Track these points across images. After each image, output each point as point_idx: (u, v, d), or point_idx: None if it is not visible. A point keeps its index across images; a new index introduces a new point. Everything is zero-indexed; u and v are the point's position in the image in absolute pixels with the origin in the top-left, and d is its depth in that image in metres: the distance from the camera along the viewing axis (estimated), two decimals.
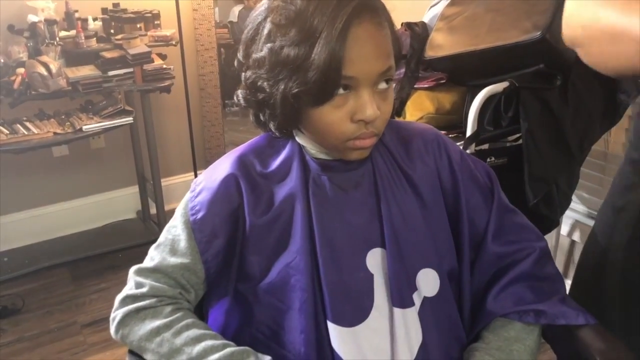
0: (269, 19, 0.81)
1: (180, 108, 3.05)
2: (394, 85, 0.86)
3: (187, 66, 2.97)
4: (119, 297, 0.93)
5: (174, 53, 2.89)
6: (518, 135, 2.19)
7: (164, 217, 2.93)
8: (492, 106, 2.04)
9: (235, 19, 4.26)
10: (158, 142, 2.90)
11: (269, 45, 0.80)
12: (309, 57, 0.77)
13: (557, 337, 0.94)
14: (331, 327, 0.86)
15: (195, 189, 0.94)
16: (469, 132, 1.95)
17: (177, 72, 2.83)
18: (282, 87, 0.80)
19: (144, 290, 0.90)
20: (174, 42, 2.82)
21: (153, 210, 3.10)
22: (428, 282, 0.90)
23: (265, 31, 0.81)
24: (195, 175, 3.17)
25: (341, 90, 0.80)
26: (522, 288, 0.93)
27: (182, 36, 2.87)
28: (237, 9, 4.25)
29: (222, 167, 0.94)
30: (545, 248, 0.98)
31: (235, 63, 0.90)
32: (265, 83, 0.83)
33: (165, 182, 3.06)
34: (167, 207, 2.96)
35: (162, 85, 2.69)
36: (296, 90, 0.79)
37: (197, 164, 3.17)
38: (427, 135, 0.98)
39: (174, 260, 0.91)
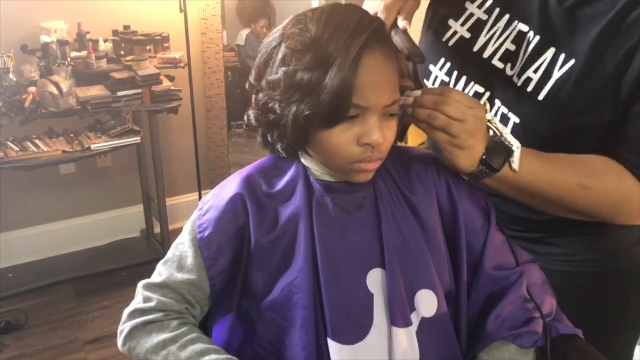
0: (283, 44, 0.85)
1: (186, 129, 3.10)
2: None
3: (195, 88, 3.03)
4: (127, 311, 0.95)
5: (182, 75, 2.94)
6: None
7: (167, 236, 2.96)
8: None
9: (242, 42, 4.34)
10: (164, 162, 2.94)
11: (283, 68, 0.84)
12: (321, 81, 0.81)
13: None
14: (331, 344, 0.88)
15: (202, 207, 0.97)
16: None
17: (184, 93, 2.89)
18: (294, 109, 0.84)
19: (152, 304, 0.93)
20: (182, 65, 2.88)
21: (157, 229, 3.14)
22: (426, 302, 0.93)
23: (280, 55, 0.86)
24: (200, 196, 3.20)
25: (350, 114, 0.84)
26: (518, 310, 0.96)
27: (190, 59, 2.92)
28: (244, 32, 4.32)
29: (229, 186, 0.97)
30: (536, 267, 1.02)
31: (247, 85, 0.94)
32: (277, 105, 0.87)
33: (169, 201, 3.10)
34: (171, 227, 2.99)
35: (170, 106, 2.75)
36: (308, 112, 0.83)
37: (202, 184, 3.21)
38: (427, 161, 1.01)
39: (180, 276, 0.94)
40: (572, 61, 0.96)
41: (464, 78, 1.10)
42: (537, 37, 1.00)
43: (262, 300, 0.92)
